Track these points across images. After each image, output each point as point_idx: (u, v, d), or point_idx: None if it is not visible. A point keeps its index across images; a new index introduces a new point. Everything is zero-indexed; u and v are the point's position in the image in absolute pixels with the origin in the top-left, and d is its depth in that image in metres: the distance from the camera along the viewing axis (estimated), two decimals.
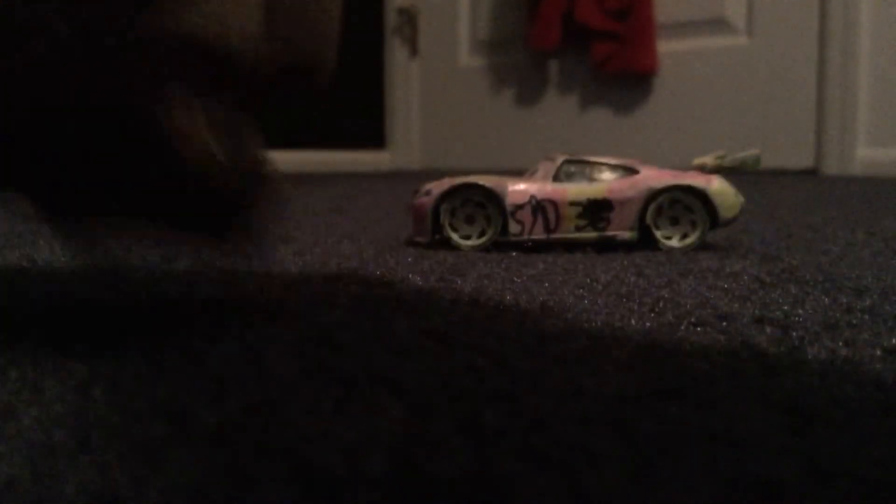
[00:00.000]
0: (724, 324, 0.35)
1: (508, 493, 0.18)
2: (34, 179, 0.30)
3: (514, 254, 0.57)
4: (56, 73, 0.27)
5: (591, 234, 0.60)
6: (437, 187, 0.60)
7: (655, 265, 0.52)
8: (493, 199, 0.59)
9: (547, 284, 0.44)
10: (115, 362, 0.28)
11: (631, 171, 0.60)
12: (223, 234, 0.32)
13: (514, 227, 0.59)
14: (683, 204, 0.59)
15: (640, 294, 0.42)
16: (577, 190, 0.59)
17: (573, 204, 0.59)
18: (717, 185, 0.59)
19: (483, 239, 0.60)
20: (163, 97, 0.28)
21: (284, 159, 2.58)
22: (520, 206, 0.59)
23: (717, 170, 0.61)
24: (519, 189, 0.60)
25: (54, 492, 0.18)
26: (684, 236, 0.59)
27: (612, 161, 0.61)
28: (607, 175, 0.60)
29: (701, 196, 0.59)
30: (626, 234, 0.59)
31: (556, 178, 0.60)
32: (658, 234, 0.59)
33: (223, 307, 0.38)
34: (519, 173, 0.62)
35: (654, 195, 0.59)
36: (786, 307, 0.38)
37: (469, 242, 0.60)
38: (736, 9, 1.93)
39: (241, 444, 0.21)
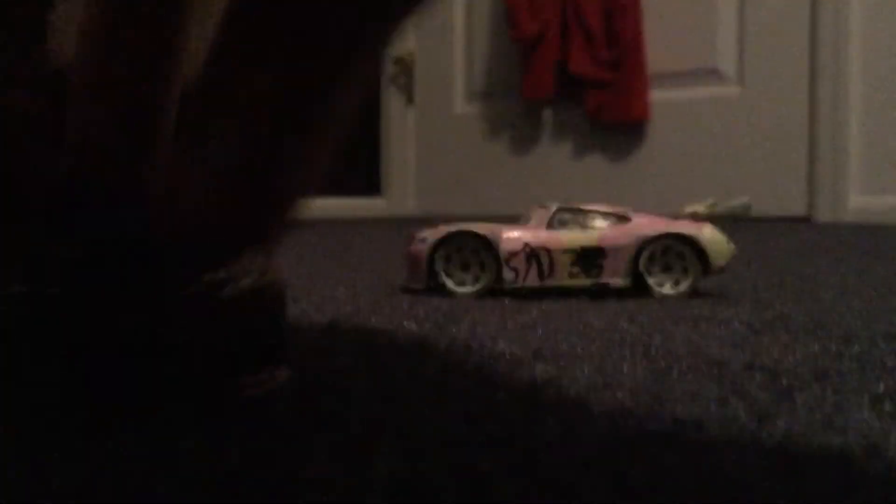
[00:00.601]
0: (716, 371, 0.35)
1: None
2: None
3: (507, 301, 0.58)
4: None
5: (584, 281, 0.60)
6: (432, 235, 0.61)
7: (648, 312, 0.52)
8: (487, 246, 0.60)
9: (540, 331, 0.45)
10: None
11: (623, 218, 0.61)
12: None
13: (508, 275, 0.60)
14: (675, 251, 0.60)
15: (632, 341, 0.42)
16: (570, 238, 0.60)
17: (567, 251, 0.60)
18: (708, 233, 0.60)
19: (477, 286, 0.60)
20: None
21: None
22: (514, 254, 0.60)
23: (709, 217, 0.62)
24: (513, 237, 0.60)
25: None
26: (676, 283, 0.60)
27: (605, 209, 0.62)
28: (600, 223, 0.61)
29: (692, 244, 0.60)
30: (618, 281, 0.60)
31: (549, 226, 0.61)
32: (650, 281, 0.60)
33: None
34: (513, 220, 0.63)
35: (646, 243, 0.60)
36: (776, 354, 0.39)
37: (464, 289, 0.60)
38: (727, 58, 1.97)
39: (241, 494, 0.21)
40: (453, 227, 0.61)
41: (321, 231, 1.65)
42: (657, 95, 2.06)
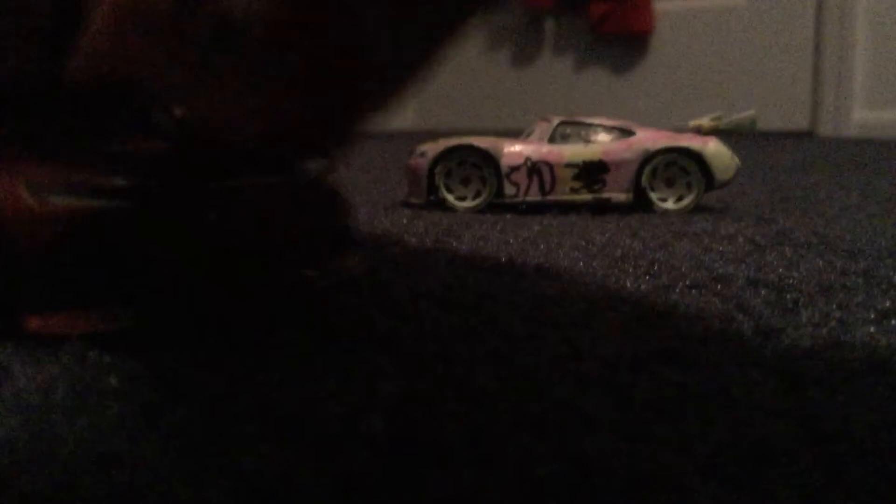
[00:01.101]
0: (719, 286, 0.35)
1: (502, 454, 0.18)
2: None
3: (508, 216, 0.57)
4: None
5: (586, 196, 0.59)
6: (433, 149, 0.60)
7: (650, 227, 0.52)
8: (488, 160, 0.59)
9: (542, 247, 0.44)
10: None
11: (627, 132, 0.60)
12: None
13: (509, 189, 0.59)
14: (679, 166, 0.59)
15: (635, 257, 0.42)
16: (572, 152, 0.59)
17: (568, 166, 0.59)
18: (712, 147, 0.59)
19: (478, 200, 0.60)
20: None
21: None
22: (515, 168, 0.59)
23: (713, 131, 0.61)
24: (514, 151, 0.59)
25: (51, 451, 0.18)
26: (679, 198, 0.59)
27: (608, 122, 0.61)
28: (603, 137, 0.60)
29: (697, 158, 0.59)
30: (621, 196, 0.59)
31: (551, 140, 0.60)
32: (653, 196, 0.59)
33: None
34: (514, 134, 0.62)
35: (649, 157, 0.59)
36: (780, 270, 0.38)
37: (464, 204, 0.60)
38: None
39: (239, 406, 0.21)
40: (454, 141, 0.60)
41: None
42: (661, 6, 2.01)
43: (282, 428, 0.20)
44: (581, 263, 0.40)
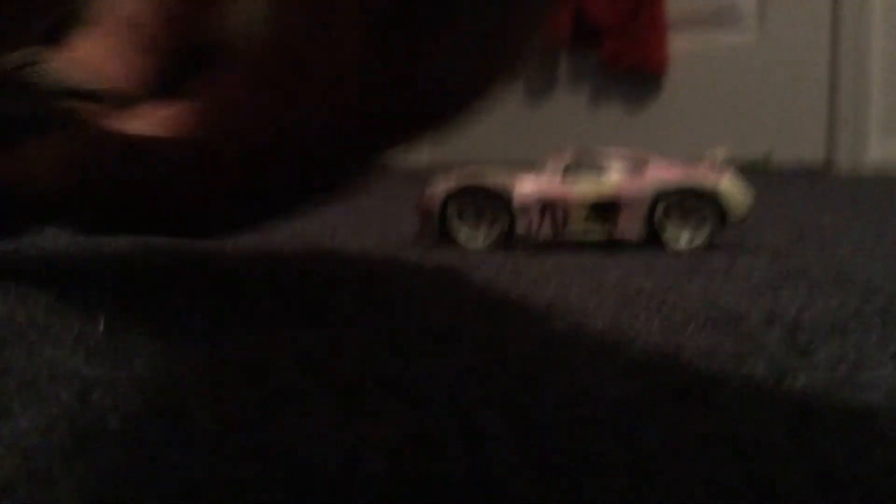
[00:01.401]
0: (733, 325, 0.34)
1: (507, 497, 0.18)
2: None
3: (519, 254, 0.57)
4: None
5: (599, 234, 0.59)
6: (444, 187, 0.60)
7: (664, 265, 0.51)
8: (500, 199, 0.59)
9: (553, 285, 0.44)
10: (112, 363, 0.28)
11: (640, 167, 0.60)
12: None
13: (521, 228, 0.59)
14: (693, 203, 0.59)
15: (647, 295, 0.41)
16: (585, 189, 0.59)
17: (581, 204, 0.59)
18: (727, 184, 0.59)
19: (489, 239, 0.59)
20: None
21: None
22: (527, 207, 0.59)
23: (728, 166, 0.61)
24: (526, 189, 0.59)
25: (50, 495, 0.18)
26: (693, 236, 0.59)
27: (622, 157, 0.61)
28: (616, 173, 0.60)
29: (711, 196, 0.58)
30: (633, 234, 0.59)
31: (564, 176, 0.60)
32: (666, 234, 0.59)
33: (222, 306, 0.38)
34: (528, 166, 0.62)
35: (662, 196, 0.58)
36: (795, 309, 0.38)
37: (476, 243, 0.59)
38: (746, 3, 1.92)
39: (241, 447, 0.21)
40: (465, 180, 0.60)
41: None
42: (675, 41, 2.02)
43: (280, 470, 0.19)
44: (592, 302, 0.39)
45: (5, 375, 0.27)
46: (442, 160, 2.69)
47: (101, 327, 0.32)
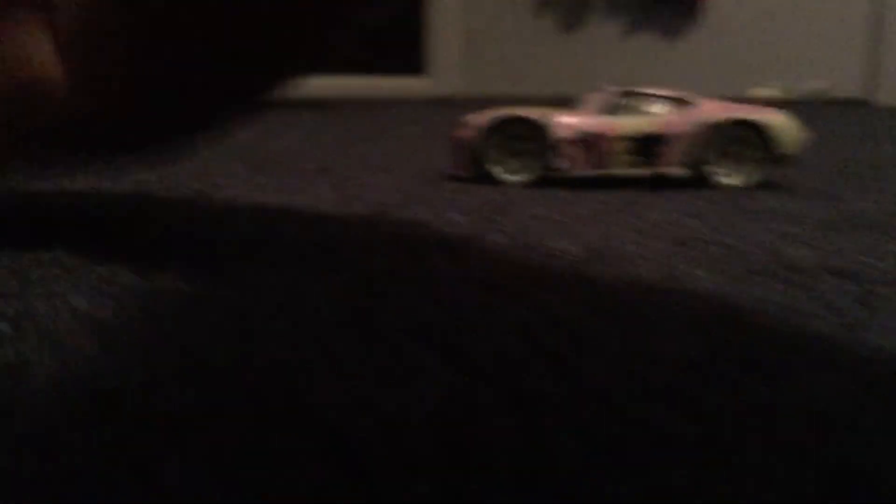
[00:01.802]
0: (794, 275, 0.32)
1: (556, 469, 0.16)
2: None
3: (561, 192, 0.54)
4: None
5: (641, 170, 0.57)
6: (481, 120, 0.57)
7: (713, 206, 0.49)
8: (538, 132, 0.56)
9: (598, 227, 0.42)
10: (139, 311, 0.26)
11: (686, 103, 0.57)
12: None
13: (560, 162, 0.57)
14: (742, 139, 0.56)
15: (699, 241, 0.39)
16: (627, 124, 0.56)
17: (623, 138, 0.56)
18: (779, 120, 0.56)
19: (528, 174, 0.57)
20: None
21: (317, 85, 2.53)
22: (566, 140, 0.56)
23: (779, 101, 0.57)
24: (565, 122, 0.57)
25: (67, 457, 0.17)
26: (744, 174, 0.56)
27: (667, 93, 0.58)
28: (661, 108, 0.57)
29: (762, 131, 0.55)
30: (678, 170, 0.56)
31: (605, 111, 0.57)
32: (715, 170, 0.56)
33: (255, 247, 0.36)
34: (563, 101, 0.59)
35: (711, 130, 0.55)
36: (857, 256, 0.35)
37: (514, 178, 0.57)
38: None
39: (271, 413, 0.19)
40: (503, 113, 0.57)
41: (361, 112, 1.61)
42: None
43: (315, 438, 0.18)
44: (641, 247, 0.37)
45: (26, 320, 0.25)
46: (473, 93, 2.64)
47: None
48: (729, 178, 0.56)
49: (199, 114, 0.34)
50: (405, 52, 2.76)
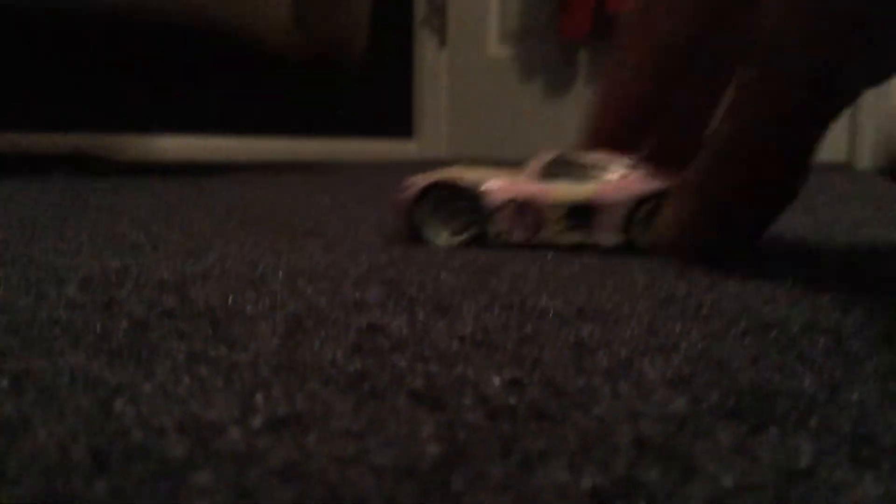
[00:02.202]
0: (775, 333, 0.33)
1: None
2: None
3: (549, 254, 0.55)
4: None
5: (574, 238, 0.56)
6: (417, 184, 0.57)
7: (697, 266, 0.50)
8: (470, 198, 0.56)
9: (584, 287, 0.43)
10: (138, 371, 0.27)
11: (627, 169, 0.55)
12: None
13: (493, 229, 0.56)
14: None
15: (682, 298, 0.40)
16: (559, 192, 0.55)
17: (554, 206, 0.55)
18: None
19: (461, 237, 0.57)
20: None
21: (311, 147, 2.57)
22: (499, 207, 0.56)
23: None
24: (497, 189, 0.56)
25: None
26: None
27: (606, 159, 0.56)
28: (596, 176, 0.55)
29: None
30: (611, 239, 0.55)
31: (542, 176, 0.56)
32: (642, 241, 0.54)
33: (247, 309, 0.37)
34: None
35: (641, 200, 0.53)
36: (836, 314, 0.36)
37: (448, 241, 0.57)
38: None
39: (269, 466, 0.20)
40: (437, 176, 0.57)
41: (352, 174, 1.63)
42: None
43: (312, 493, 0.18)
44: (626, 306, 0.38)
45: (25, 380, 0.26)
46: (459, 156, 2.67)
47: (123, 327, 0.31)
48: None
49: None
50: (395, 117, 2.80)
